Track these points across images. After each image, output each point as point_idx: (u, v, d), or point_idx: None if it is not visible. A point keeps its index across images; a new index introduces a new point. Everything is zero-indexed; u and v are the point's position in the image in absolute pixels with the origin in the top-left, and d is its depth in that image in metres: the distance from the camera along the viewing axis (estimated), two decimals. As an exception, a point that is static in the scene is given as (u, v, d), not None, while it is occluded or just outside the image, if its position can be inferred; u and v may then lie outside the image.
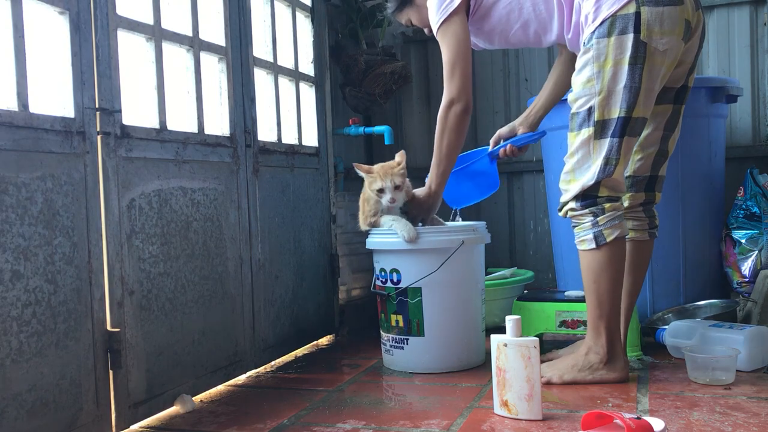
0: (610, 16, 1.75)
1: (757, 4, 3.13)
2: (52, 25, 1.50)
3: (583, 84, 1.82)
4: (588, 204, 1.84)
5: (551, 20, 1.93)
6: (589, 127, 1.82)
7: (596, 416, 1.44)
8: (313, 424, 1.68)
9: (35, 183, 1.40)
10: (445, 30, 1.97)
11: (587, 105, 1.81)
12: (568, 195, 1.87)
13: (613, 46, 1.76)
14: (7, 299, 1.33)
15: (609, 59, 1.77)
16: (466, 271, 2.14)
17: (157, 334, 1.73)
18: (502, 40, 2.06)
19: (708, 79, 2.71)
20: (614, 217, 1.83)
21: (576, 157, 1.85)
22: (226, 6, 2.08)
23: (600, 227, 1.83)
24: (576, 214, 1.87)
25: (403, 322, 2.13)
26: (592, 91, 1.80)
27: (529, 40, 2.02)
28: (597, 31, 1.78)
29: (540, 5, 1.92)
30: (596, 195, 1.84)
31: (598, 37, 1.77)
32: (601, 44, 1.77)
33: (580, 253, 1.88)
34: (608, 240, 1.82)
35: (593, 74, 1.79)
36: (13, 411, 1.34)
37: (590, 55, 1.79)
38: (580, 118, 1.83)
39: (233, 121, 2.08)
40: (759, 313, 2.34)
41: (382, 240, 2.15)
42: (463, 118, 2.00)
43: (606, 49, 1.76)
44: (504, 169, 3.63)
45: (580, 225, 1.87)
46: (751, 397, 1.75)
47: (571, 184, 1.87)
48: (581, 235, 1.87)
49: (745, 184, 2.77)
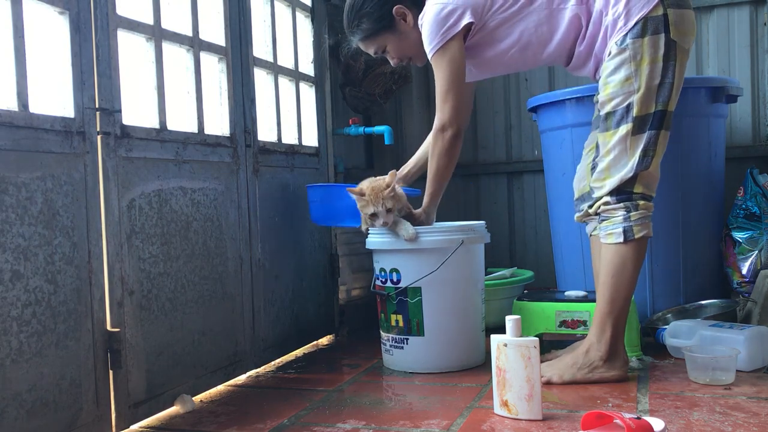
0: (643, 18, 1.82)
1: (757, 4, 3.13)
2: (52, 25, 1.50)
3: (621, 83, 1.85)
4: (623, 198, 1.87)
5: (551, 39, 1.96)
6: (627, 123, 1.85)
7: (596, 416, 1.44)
8: (313, 424, 1.68)
9: (35, 183, 1.40)
10: (443, 54, 1.96)
11: (625, 102, 1.85)
12: (603, 190, 1.89)
13: (648, 45, 1.82)
14: (7, 299, 1.33)
15: (645, 57, 1.83)
16: (466, 270, 2.14)
17: (157, 334, 1.73)
18: (495, 66, 2.07)
19: (708, 79, 2.71)
20: (645, 216, 1.87)
21: (612, 155, 1.87)
22: (226, 6, 2.08)
23: (631, 223, 1.85)
24: (609, 208, 1.89)
25: (403, 321, 2.13)
26: (630, 89, 1.84)
27: (526, 61, 2.04)
28: (631, 33, 1.83)
29: (543, 26, 1.95)
30: (632, 191, 1.87)
31: (633, 37, 1.83)
32: (637, 44, 1.83)
33: (604, 247, 1.90)
34: (636, 237, 1.85)
35: (631, 73, 1.84)
36: (13, 411, 1.34)
37: (627, 55, 1.84)
38: (618, 115, 1.86)
39: (233, 121, 2.08)
40: (759, 313, 2.34)
41: (382, 240, 2.14)
42: (453, 143, 2.03)
43: (641, 49, 1.82)
44: (504, 169, 3.64)
45: (611, 219, 1.89)
46: (751, 397, 1.76)
47: (606, 181, 1.89)
48: (610, 229, 1.88)
49: (745, 184, 2.77)
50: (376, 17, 2.07)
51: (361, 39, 2.13)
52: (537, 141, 3.34)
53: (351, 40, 2.17)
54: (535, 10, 1.94)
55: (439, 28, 1.94)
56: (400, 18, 2.08)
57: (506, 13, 1.95)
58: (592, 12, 1.90)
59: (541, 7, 1.93)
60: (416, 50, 2.10)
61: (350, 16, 2.11)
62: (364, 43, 2.14)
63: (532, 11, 1.94)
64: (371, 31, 2.10)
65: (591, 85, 2.35)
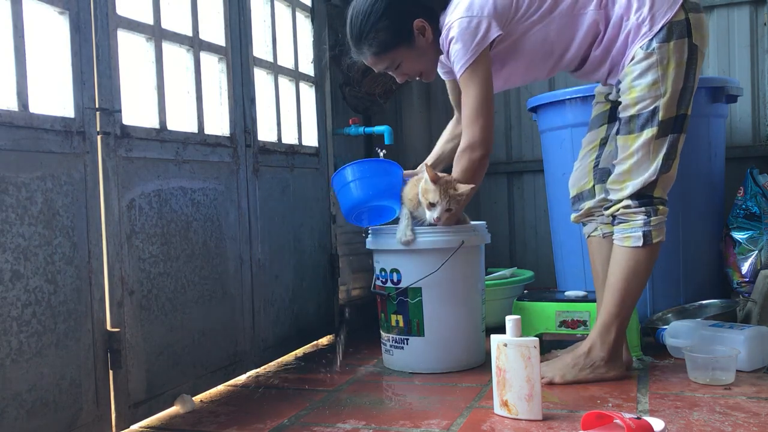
0: (668, 23, 1.82)
1: (757, 4, 3.14)
2: (52, 25, 1.50)
3: (648, 87, 1.84)
4: (645, 203, 1.87)
5: (571, 44, 1.93)
6: (652, 128, 1.84)
7: (596, 416, 1.44)
8: (313, 424, 1.68)
9: (35, 183, 1.40)
10: (474, 69, 1.87)
11: (652, 106, 1.84)
12: (623, 193, 1.88)
13: (674, 50, 1.82)
14: (7, 299, 1.33)
15: (672, 62, 1.83)
16: (466, 271, 2.14)
17: (157, 334, 1.73)
18: (516, 78, 2.03)
19: (708, 79, 2.71)
20: (662, 222, 1.88)
21: (636, 158, 1.86)
22: (226, 6, 2.08)
23: (650, 227, 1.85)
24: (629, 212, 1.88)
25: (404, 322, 2.13)
26: (657, 93, 1.83)
27: (545, 70, 2.01)
28: (657, 37, 1.82)
29: (564, 32, 1.91)
30: (652, 195, 1.87)
31: (659, 42, 1.82)
32: (663, 49, 1.82)
33: (619, 250, 1.89)
34: (654, 241, 1.86)
35: (658, 77, 1.83)
36: (13, 411, 1.34)
37: (654, 59, 1.83)
38: (643, 119, 1.85)
39: (233, 121, 2.08)
40: (759, 313, 2.34)
41: (382, 240, 2.15)
42: (481, 164, 1.95)
43: (668, 53, 1.82)
44: (504, 169, 3.64)
45: (630, 222, 1.88)
46: (751, 397, 1.76)
47: (626, 183, 1.88)
48: (628, 232, 1.87)
49: (745, 184, 2.77)
50: (395, 30, 1.95)
51: (375, 53, 1.99)
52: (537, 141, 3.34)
53: (359, 52, 2.03)
54: (557, 17, 1.90)
55: (470, 43, 1.85)
56: (419, 32, 1.97)
57: (528, 22, 1.90)
58: (611, 16, 1.88)
59: (562, 14, 1.90)
60: (431, 66, 2.08)
61: (364, 27, 1.96)
62: (376, 58, 2.01)
63: (554, 18, 1.90)
64: (388, 45, 1.97)
65: (590, 86, 2.35)
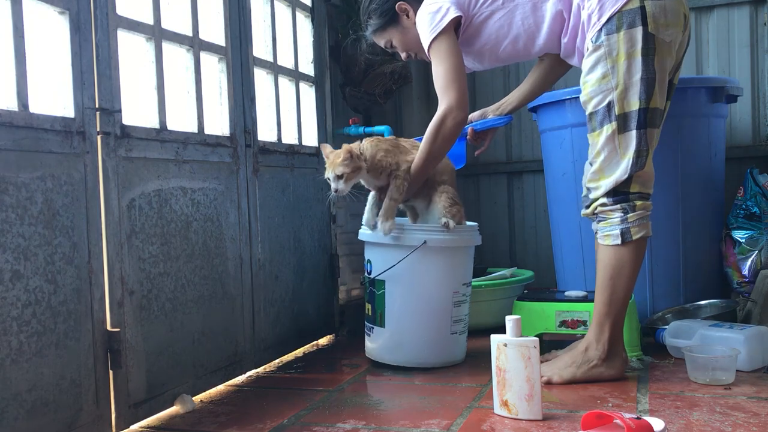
0: (617, 12, 1.79)
1: (757, 4, 3.13)
2: (52, 25, 1.50)
3: (598, 81, 1.83)
4: (620, 200, 1.86)
5: (539, 31, 1.97)
6: (611, 122, 1.83)
7: (596, 416, 1.44)
8: (313, 424, 1.68)
9: (35, 183, 1.40)
10: (438, 45, 1.98)
11: (605, 101, 1.83)
12: (599, 192, 1.88)
13: (624, 40, 1.79)
14: (7, 299, 1.33)
15: (621, 53, 1.79)
16: (434, 271, 2.13)
17: (157, 334, 1.73)
18: (492, 58, 2.09)
19: (708, 79, 2.71)
20: (643, 216, 1.86)
21: (603, 155, 1.86)
22: (226, 6, 2.08)
23: (628, 224, 1.84)
24: (606, 210, 1.87)
25: (371, 311, 2.20)
26: (608, 87, 1.82)
27: (519, 53, 2.06)
28: (605, 28, 1.80)
29: (529, 18, 1.96)
30: (628, 191, 1.85)
31: (607, 33, 1.80)
32: (612, 40, 1.79)
33: (602, 248, 1.89)
34: (634, 238, 1.84)
35: (608, 70, 1.81)
36: (13, 411, 1.34)
37: (601, 52, 1.81)
38: (600, 115, 1.85)
39: (233, 121, 2.08)
40: (759, 313, 2.34)
41: (363, 231, 2.23)
42: (457, 130, 2.01)
43: (617, 44, 1.79)
44: (504, 169, 3.64)
45: (608, 220, 1.87)
46: (751, 397, 1.76)
47: (601, 181, 1.87)
48: (607, 230, 1.87)
49: (745, 184, 2.77)
50: (381, 12, 2.17)
51: (372, 33, 2.24)
52: (537, 141, 3.34)
53: (365, 31, 2.28)
54: (520, 3, 1.95)
55: (429, 24, 1.98)
56: (403, 14, 2.15)
57: (492, 7, 1.98)
58: (572, 6, 1.90)
59: (524, 0, 1.95)
60: (419, 45, 2.12)
61: (363, 9, 2.23)
62: (375, 37, 2.25)
63: (516, 5, 1.96)
64: (378, 26, 2.20)
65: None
